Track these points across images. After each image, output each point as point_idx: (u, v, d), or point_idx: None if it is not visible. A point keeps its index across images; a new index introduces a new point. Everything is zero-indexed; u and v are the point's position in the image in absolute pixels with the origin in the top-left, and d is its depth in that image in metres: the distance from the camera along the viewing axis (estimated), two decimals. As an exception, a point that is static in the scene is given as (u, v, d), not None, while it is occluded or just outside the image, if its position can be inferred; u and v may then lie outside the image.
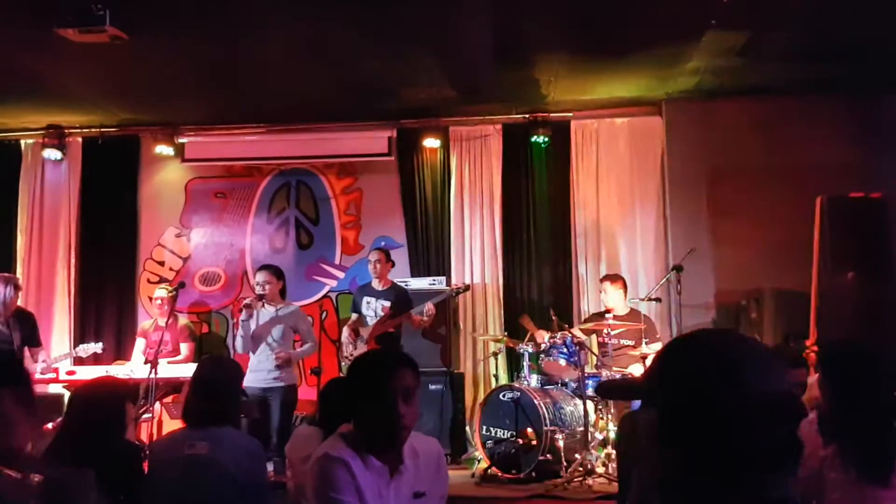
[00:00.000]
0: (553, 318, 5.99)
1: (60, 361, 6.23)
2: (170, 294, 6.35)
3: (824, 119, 6.56)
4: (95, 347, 6.26)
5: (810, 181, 6.05)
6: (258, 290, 5.85)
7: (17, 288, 6.00)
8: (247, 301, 5.83)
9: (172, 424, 5.81)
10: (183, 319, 6.95)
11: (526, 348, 6.00)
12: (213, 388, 3.15)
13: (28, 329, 6.00)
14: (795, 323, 5.85)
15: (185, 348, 6.64)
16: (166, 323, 5.94)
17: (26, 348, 5.96)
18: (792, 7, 4.92)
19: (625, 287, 6.38)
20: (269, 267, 6.06)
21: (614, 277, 6.46)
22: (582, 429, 5.52)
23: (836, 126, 6.53)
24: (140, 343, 6.76)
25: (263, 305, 5.87)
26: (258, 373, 5.77)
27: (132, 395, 3.39)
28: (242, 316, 5.82)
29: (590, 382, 5.82)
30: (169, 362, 6.16)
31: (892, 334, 4.92)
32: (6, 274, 6.12)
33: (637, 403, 5.79)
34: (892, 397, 2.54)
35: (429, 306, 6.09)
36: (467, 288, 6.59)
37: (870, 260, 5.45)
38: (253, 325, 5.80)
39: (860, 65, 5.98)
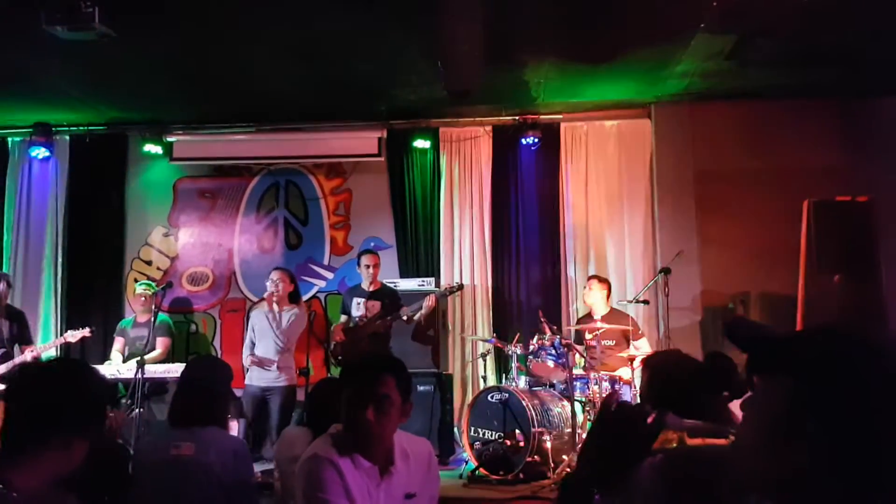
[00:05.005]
0: (542, 320, 6.00)
1: (48, 350, 6.24)
2: (152, 292, 6.35)
3: (812, 123, 6.61)
4: (84, 332, 6.23)
5: (797, 184, 6.11)
6: (270, 287, 5.98)
7: (6, 284, 5.98)
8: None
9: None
10: (161, 316, 6.89)
11: (514, 350, 6.01)
12: (200, 388, 3.14)
13: (19, 327, 6.02)
14: (781, 326, 5.88)
15: (159, 343, 6.59)
16: (151, 321, 5.96)
17: (17, 346, 5.99)
18: (780, 12, 4.95)
19: (609, 289, 6.42)
20: (280, 268, 6.19)
21: (602, 279, 6.50)
22: (570, 430, 5.53)
23: (823, 130, 6.59)
24: (118, 342, 6.72)
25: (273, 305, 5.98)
26: (260, 372, 5.85)
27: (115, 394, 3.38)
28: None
29: (577, 384, 5.84)
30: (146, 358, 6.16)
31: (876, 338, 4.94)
32: None
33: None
34: None
35: (429, 300, 6.14)
36: (460, 287, 6.54)
37: (856, 263, 5.48)
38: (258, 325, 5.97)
39: (848, 69, 6.03)
